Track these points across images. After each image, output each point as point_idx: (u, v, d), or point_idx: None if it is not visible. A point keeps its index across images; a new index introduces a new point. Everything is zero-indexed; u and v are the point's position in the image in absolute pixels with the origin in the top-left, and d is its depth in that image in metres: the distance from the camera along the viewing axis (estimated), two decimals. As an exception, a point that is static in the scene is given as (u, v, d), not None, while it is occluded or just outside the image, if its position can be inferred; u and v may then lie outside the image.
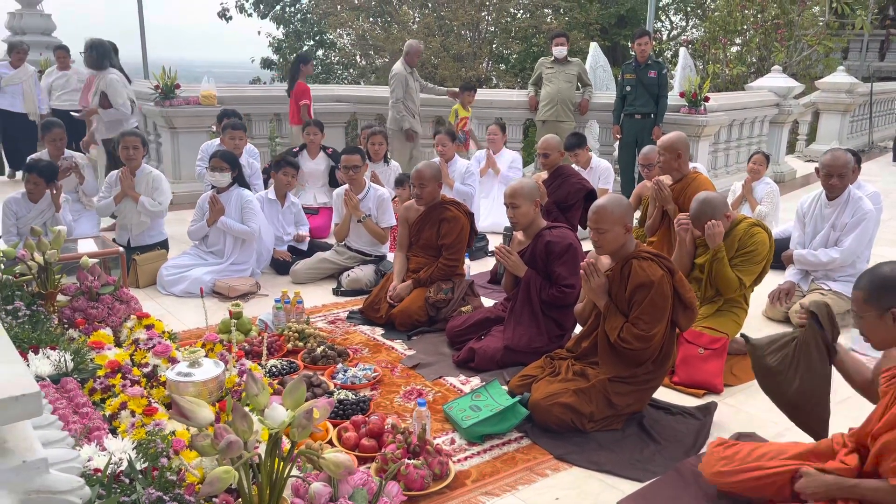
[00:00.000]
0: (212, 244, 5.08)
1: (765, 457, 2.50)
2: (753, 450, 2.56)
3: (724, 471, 2.52)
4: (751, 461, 2.50)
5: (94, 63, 6.48)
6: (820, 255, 4.43)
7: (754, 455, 2.53)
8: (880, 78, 18.32)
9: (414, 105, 7.70)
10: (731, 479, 2.49)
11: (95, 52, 6.44)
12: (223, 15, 20.87)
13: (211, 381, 2.76)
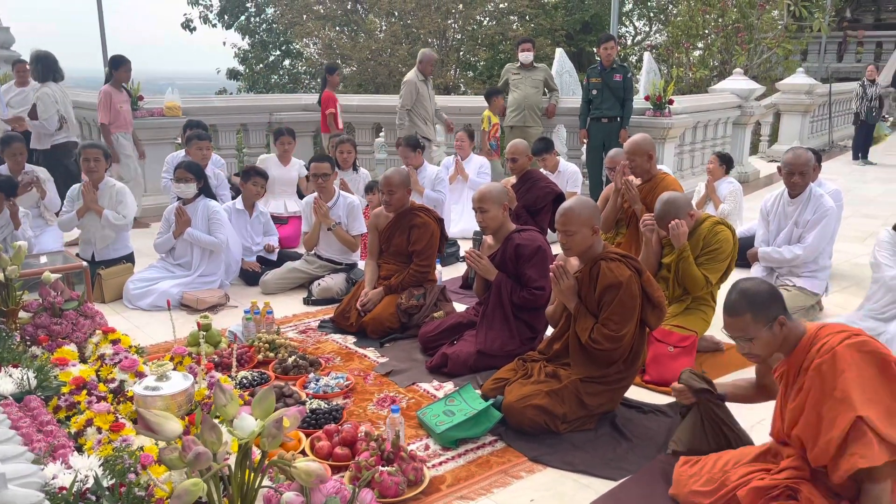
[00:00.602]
0: (179, 256, 5.02)
1: (728, 464, 2.56)
2: (717, 460, 2.61)
3: (698, 490, 2.55)
4: (717, 472, 2.55)
5: (39, 76, 6.59)
6: (784, 252, 4.51)
7: (719, 466, 2.58)
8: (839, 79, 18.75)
9: (426, 112, 7.69)
10: (705, 501, 2.51)
11: (41, 64, 6.55)
12: (187, 26, 20.69)
13: (179, 395, 2.71)
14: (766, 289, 2.37)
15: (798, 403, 2.31)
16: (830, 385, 2.21)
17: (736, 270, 4.12)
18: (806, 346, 2.34)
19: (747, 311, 2.33)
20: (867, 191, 9.44)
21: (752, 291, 2.35)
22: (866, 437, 2.13)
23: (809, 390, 2.26)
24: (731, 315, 2.38)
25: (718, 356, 3.98)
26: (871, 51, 23.30)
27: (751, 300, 2.33)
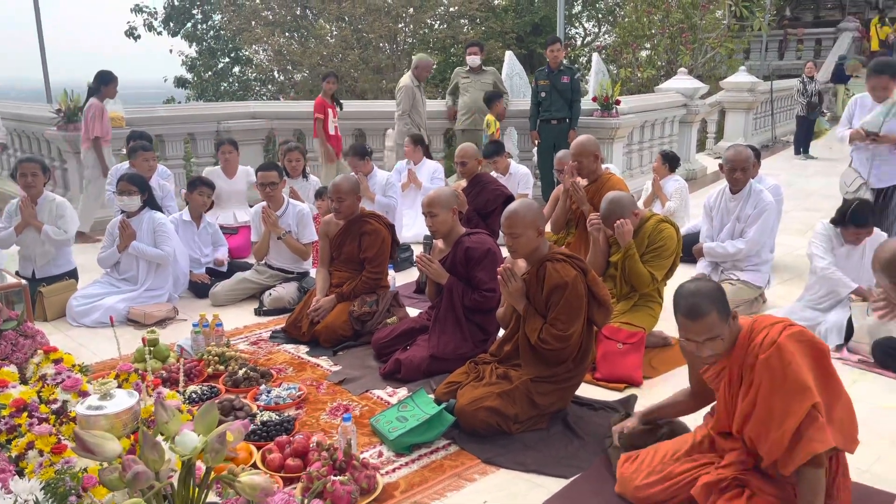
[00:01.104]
0: (124, 271, 4.90)
1: (666, 457, 2.62)
2: (654, 453, 2.67)
3: (641, 484, 2.60)
4: (657, 465, 2.61)
5: None
6: (727, 246, 4.63)
7: (657, 459, 2.64)
8: (780, 76, 19.31)
9: (420, 118, 7.68)
10: (650, 491, 2.57)
11: None
12: (131, 34, 20.23)
13: (124, 413, 2.65)
14: (715, 286, 2.42)
15: (749, 399, 2.35)
16: (780, 376, 2.26)
17: (681, 266, 4.22)
18: (745, 341, 2.38)
19: (713, 309, 2.31)
20: (809, 184, 9.73)
21: (707, 289, 2.36)
22: (818, 422, 2.20)
23: (760, 385, 2.31)
24: (698, 317, 2.33)
25: (667, 351, 4.07)
26: (811, 48, 24.03)
27: (711, 298, 2.33)
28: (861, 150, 5.05)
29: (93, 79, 6.78)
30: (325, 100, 7.82)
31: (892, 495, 2.68)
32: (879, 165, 4.96)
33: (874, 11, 25.24)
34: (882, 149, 4.92)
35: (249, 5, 18.99)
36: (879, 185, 4.99)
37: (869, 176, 4.98)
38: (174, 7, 20.43)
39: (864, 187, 4.97)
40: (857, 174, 5.05)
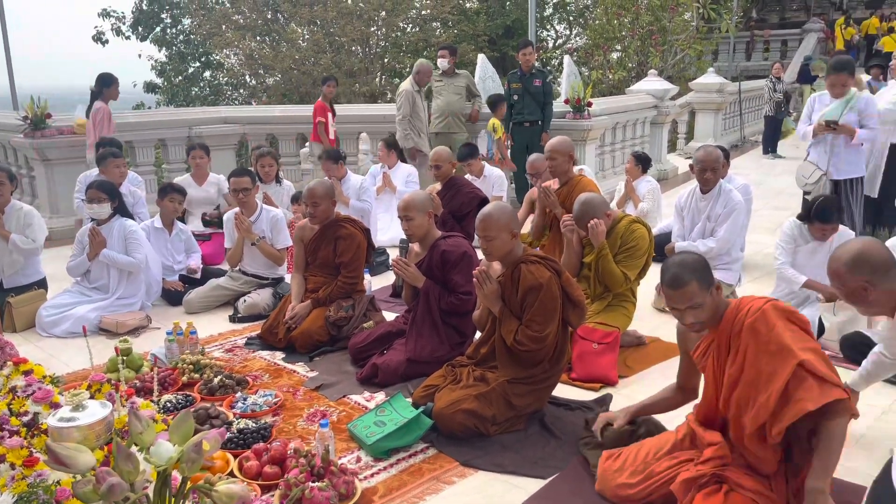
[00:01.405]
0: (95, 279, 4.83)
1: (648, 456, 2.66)
2: (637, 452, 2.71)
3: (623, 483, 2.63)
4: (640, 464, 2.65)
5: None
6: (699, 245, 4.69)
7: (640, 458, 2.68)
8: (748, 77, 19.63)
9: (420, 123, 7.65)
10: (632, 491, 2.60)
11: None
12: (99, 39, 19.96)
13: (97, 424, 2.62)
14: (699, 258, 2.52)
15: (738, 364, 2.42)
16: (765, 339, 2.35)
17: (654, 266, 4.27)
18: (732, 313, 2.48)
19: (693, 278, 2.43)
20: (777, 183, 9.91)
21: (690, 261, 2.49)
22: (807, 382, 2.26)
23: (746, 349, 2.39)
24: (678, 286, 2.44)
25: (641, 350, 4.12)
26: (777, 49, 24.47)
27: (692, 268, 2.45)
28: (819, 144, 5.22)
29: (94, 82, 6.86)
30: (325, 103, 7.86)
31: (862, 487, 2.74)
32: (837, 157, 5.14)
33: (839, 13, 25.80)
34: (839, 141, 5.09)
35: (220, 9, 18.87)
36: (837, 176, 5.18)
37: (828, 167, 5.15)
38: (142, 11, 20.21)
39: (824, 178, 5.13)
40: (814, 167, 5.22)
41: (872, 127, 5.07)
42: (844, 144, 5.10)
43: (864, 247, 2.46)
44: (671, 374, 3.72)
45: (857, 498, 2.68)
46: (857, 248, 2.45)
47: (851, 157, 5.17)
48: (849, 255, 2.43)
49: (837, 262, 2.45)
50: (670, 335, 4.26)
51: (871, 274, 2.39)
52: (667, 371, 3.84)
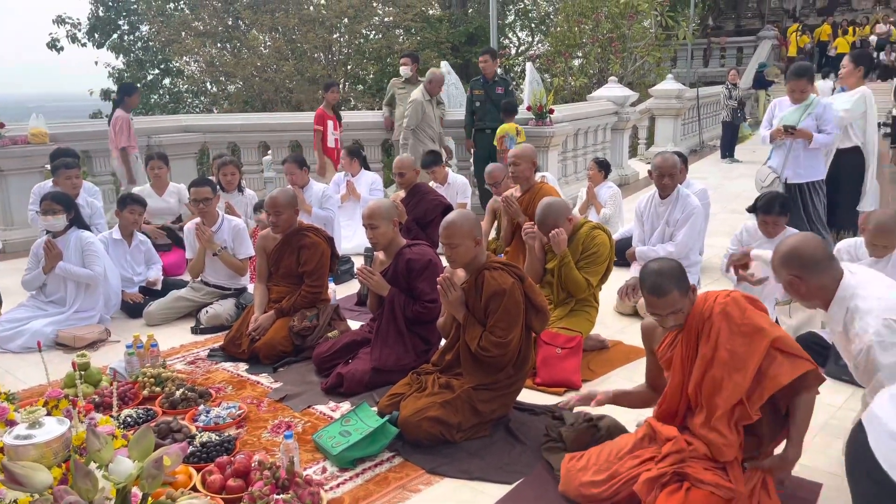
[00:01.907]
0: (51, 292, 4.72)
1: (611, 456, 2.71)
2: (600, 452, 2.75)
3: (587, 482, 2.67)
4: (604, 463, 2.69)
5: None
6: (658, 250, 4.78)
7: (603, 457, 2.73)
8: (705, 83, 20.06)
9: (432, 131, 7.59)
10: (595, 490, 2.63)
11: None
12: (54, 46, 19.51)
13: (54, 442, 2.56)
14: (675, 264, 2.62)
15: (710, 347, 2.52)
16: (738, 322, 2.48)
17: (615, 270, 4.34)
18: (700, 303, 2.61)
19: (674, 288, 2.54)
20: (734, 187, 10.13)
21: (668, 269, 2.58)
22: (777, 359, 2.43)
23: (719, 332, 2.50)
24: (660, 295, 2.55)
25: (604, 353, 4.17)
26: (733, 56, 25.07)
27: (672, 277, 2.56)
28: (779, 148, 5.34)
29: (116, 90, 7.12)
30: (327, 111, 7.78)
31: (818, 484, 2.82)
32: (795, 162, 5.26)
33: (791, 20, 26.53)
34: (798, 145, 5.20)
35: (179, 16, 18.61)
36: (796, 180, 5.30)
37: (783, 172, 5.29)
38: (99, 18, 19.82)
39: (777, 181, 5.28)
40: (770, 170, 5.37)
41: (830, 132, 5.17)
42: (803, 149, 5.21)
43: (797, 242, 2.57)
44: (633, 377, 3.80)
45: (813, 495, 2.75)
46: (791, 244, 2.57)
47: (810, 161, 5.27)
48: (783, 249, 2.57)
49: (775, 255, 2.60)
50: (632, 339, 4.35)
51: (800, 268, 2.51)
52: (629, 374, 3.91)
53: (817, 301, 2.58)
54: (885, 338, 2.35)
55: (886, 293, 2.47)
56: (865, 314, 2.42)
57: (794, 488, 2.78)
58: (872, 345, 2.35)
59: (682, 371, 2.65)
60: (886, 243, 3.66)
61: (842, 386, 3.68)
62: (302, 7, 17.97)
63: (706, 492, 2.45)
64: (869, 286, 2.49)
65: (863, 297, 2.45)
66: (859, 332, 2.41)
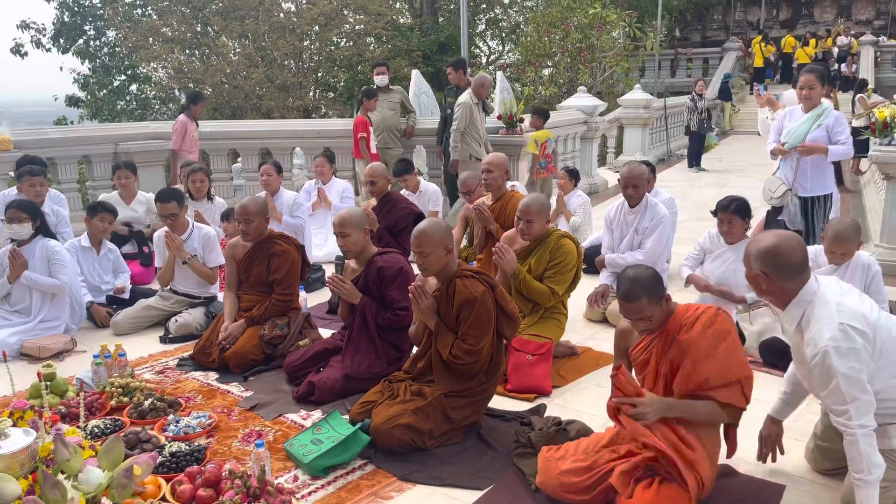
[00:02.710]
0: (16, 302, 4.63)
1: (589, 447, 2.77)
2: (578, 445, 2.81)
3: (566, 469, 2.70)
4: (581, 454, 2.74)
5: None
6: (627, 257, 4.85)
7: (581, 448, 2.78)
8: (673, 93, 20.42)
9: (479, 134, 7.58)
10: (574, 479, 2.67)
11: None
12: (17, 51, 19.14)
13: (20, 453, 2.52)
14: (651, 273, 2.68)
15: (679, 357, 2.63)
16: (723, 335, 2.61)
17: (585, 278, 4.40)
18: (682, 312, 2.70)
19: (643, 295, 2.62)
20: (702, 195, 10.32)
21: (643, 277, 2.65)
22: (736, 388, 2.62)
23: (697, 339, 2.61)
24: (629, 301, 2.64)
25: (574, 360, 4.22)
26: (699, 66, 25.58)
27: (643, 285, 2.63)
28: (787, 160, 5.14)
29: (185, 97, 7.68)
30: (366, 118, 7.74)
31: (782, 486, 2.89)
32: (802, 175, 5.06)
33: (755, 32, 27.14)
34: (806, 158, 4.99)
35: (147, 22, 18.40)
36: (803, 193, 5.10)
37: (794, 183, 5.09)
38: (64, 23, 19.51)
39: (790, 193, 5.09)
40: (781, 181, 5.17)
41: (845, 142, 4.94)
42: (811, 162, 5.01)
43: (779, 241, 2.50)
44: (603, 383, 3.86)
45: (776, 496, 2.82)
46: (773, 241, 2.50)
47: (817, 174, 5.06)
48: (763, 244, 2.51)
49: (752, 245, 2.56)
50: (601, 345, 4.42)
51: (772, 269, 2.48)
52: (599, 380, 3.97)
53: (775, 300, 2.57)
54: (840, 343, 2.35)
55: (845, 300, 2.49)
56: (821, 318, 2.42)
57: (758, 490, 2.85)
58: (829, 350, 2.35)
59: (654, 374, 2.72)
60: (845, 251, 3.77)
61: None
62: (272, 14, 17.91)
63: (675, 486, 2.52)
64: (829, 292, 2.51)
65: (822, 301, 2.46)
66: (815, 337, 2.41)
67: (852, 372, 2.34)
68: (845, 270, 3.89)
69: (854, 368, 2.34)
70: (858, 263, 3.82)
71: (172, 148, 7.40)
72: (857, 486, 2.39)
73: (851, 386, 2.34)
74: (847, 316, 2.41)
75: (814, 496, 2.84)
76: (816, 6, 28.61)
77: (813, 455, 3.00)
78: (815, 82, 4.88)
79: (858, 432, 2.35)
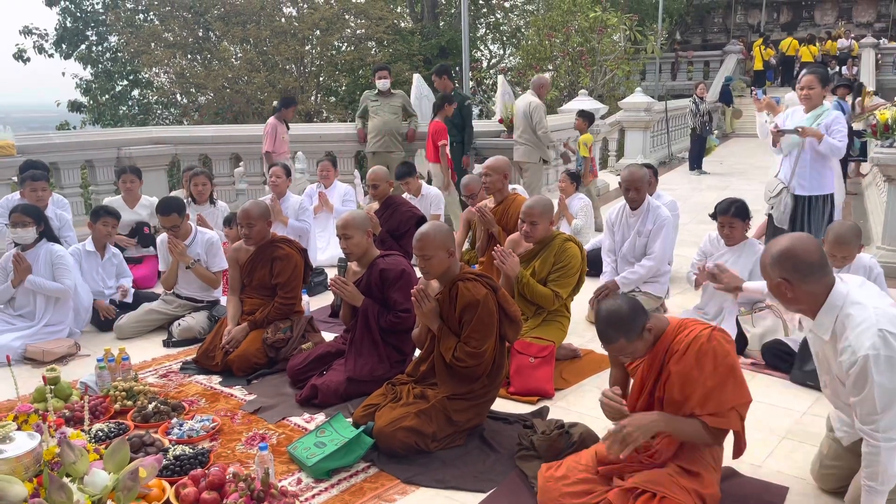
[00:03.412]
0: (20, 306, 4.65)
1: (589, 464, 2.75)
2: (578, 460, 2.79)
3: (567, 492, 2.68)
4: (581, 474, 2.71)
5: None
6: (638, 270, 4.77)
7: (583, 463, 2.76)
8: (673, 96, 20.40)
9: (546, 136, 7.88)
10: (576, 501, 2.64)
11: None
12: (20, 57, 19.19)
13: (25, 456, 2.53)
14: (626, 309, 2.55)
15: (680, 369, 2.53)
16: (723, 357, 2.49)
17: (588, 280, 4.40)
18: (673, 332, 2.60)
19: (620, 336, 2.55)
20: (703, 198, 10.31)
21: (616, 318, 2.54)
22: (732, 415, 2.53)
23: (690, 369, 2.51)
24: (608, 343, 2.58)
25: (576, 362, 4.23)
26: (700, 69, 25.57)
27: (618, 327, 2.54)
28: (788, 159, 5.12)
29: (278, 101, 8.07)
30: (444, 123, 7.59)
31: (784, 488, 2.89)
32: (801, 173, 5.04)
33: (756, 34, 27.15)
34: (805, 156, 4.99)
35: (148, 27, 18.44)
36: (801, 192, 5.08)
37: (790, 182, 5.09)
38: (66, 29, 19.57)
39: (786, 191, 5.09)
40: (778, 181, 5.18)
41: (840, 140, 4.90)
42: (811, 161, 5.00)
43: (792, 243, 2.39)
44: (606, 385, 3.85)
45: (779, 498, 2.82)
46: (786, 244, 2.39)
47: (816, 173, 5.04)
48: (776, 250, 2.41)
49: (766, 254, 2.46)
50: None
51: (791, 272, 2.36)
52: (601, 382, 3.96)
53: (804, 307, 2.44)
54: (880, 351, 2.24)
55: (880, 303, 2.37)
56: (859, 324, 2.30)
57: (761, 492, 2.85)
58: (868, 358, 2.24)
59: (640, 387, 2.71)
60: (845, 254, 3.77)
61: (805, 392, 3.78)
62: (273, 19, 17.95)
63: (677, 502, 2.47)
64: (861, 295, 2.39)
65: (856, 306, 2.33)
66: (853, 344, 2.28)
67: (889, 383, 2.24)
68: (846, 273, 3.89)
69: (892, 379, 2.24)
70: (860, 266, 3.82)
71: (266, 150, 7.64)
72: (867, 491, 2.36)
73: (886, 395, 2.25)
74: (886, 321, 2.29)
75: (816, 498, 2.84)
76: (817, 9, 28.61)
77: (820, 474, 2.89)
78: (816, 83, 4.88)
79: (883, 444, 2.28)
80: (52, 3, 19.32)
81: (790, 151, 5.08)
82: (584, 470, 2.73)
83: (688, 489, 2.50)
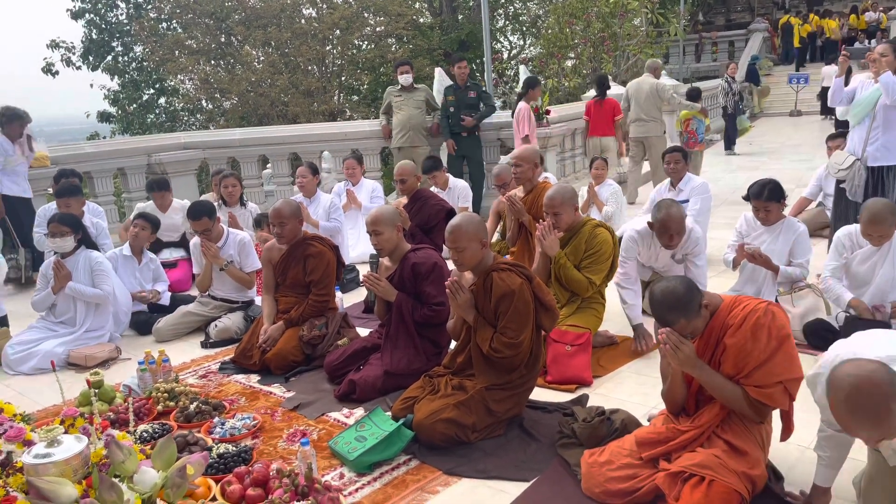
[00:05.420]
0: (61, 313, 4.75)
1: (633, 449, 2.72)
2: (620, 446, 2.76)
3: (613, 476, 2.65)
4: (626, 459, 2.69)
5: None
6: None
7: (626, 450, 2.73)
8: (699, 78, 20.11)
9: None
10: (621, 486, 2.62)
11: None
12: (48, 70, 19.57)
13: (73, 459, 2.57)
14: (682, 289, 2.55)
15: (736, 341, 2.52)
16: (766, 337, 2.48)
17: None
18: (728, 307, 2.59)
19: (680, 317, 2.53)
20: (735, 180, 10.14)
21: (673, 298, 2.53)
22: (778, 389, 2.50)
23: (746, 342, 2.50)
24: (669, 325, 2.55)
25: (613, 349, 4.19)
26: (724, 50, 25.14)
27: (676, 308, 2.53)
28: (858, 129, 4.98)
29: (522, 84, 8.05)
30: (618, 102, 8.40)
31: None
32: (874, 143, 4.89)
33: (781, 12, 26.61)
34: (878, 124, 4.86)
35: (172, 35, 18.68)
36: (874, 163, 4.92)
37: (863, 154, 4.93)
38: (92, 41, 19.91)
39: (858, 163, 4.95)
40: (848, 154, 5.07)
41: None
42: (883, 131, 4.86)
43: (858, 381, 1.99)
44: (644, 371, 3.83)
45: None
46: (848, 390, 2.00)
47: (890, 142, 4.87)
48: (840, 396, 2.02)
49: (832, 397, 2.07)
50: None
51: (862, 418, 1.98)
52: (640, 368, 3.93)
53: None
54: None
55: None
56: None
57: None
58: None
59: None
60: (882, 233, 3.66)
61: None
62: (294, 21, 18.06)
63: (726, 485, 2.43)
64: None
65: None
66: None
67: None
68: (888, 251, 3.79)
69: None
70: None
71: (526, 133, 7.49)
72: None
73: None
74: None
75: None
76: (843, -18, 27.96)
77: None
78: (891, 52, 4.87)
79: None
80: (78, 15, 19.67)
81: (860, 121, 4.97)
82: (627, 455, 2.71)
83: (737, 472, 2.46)
